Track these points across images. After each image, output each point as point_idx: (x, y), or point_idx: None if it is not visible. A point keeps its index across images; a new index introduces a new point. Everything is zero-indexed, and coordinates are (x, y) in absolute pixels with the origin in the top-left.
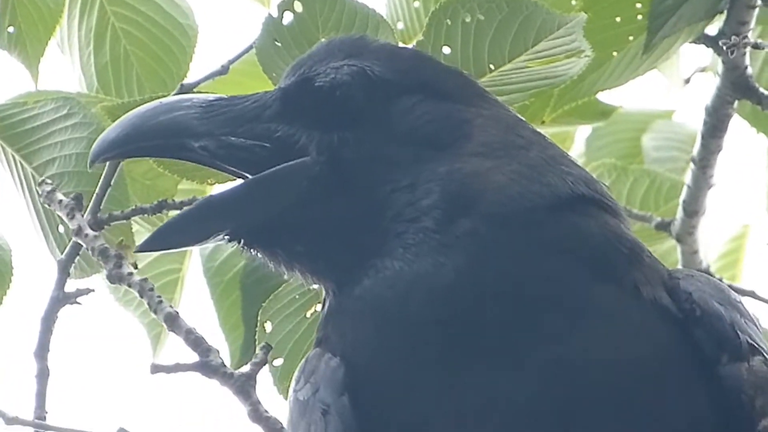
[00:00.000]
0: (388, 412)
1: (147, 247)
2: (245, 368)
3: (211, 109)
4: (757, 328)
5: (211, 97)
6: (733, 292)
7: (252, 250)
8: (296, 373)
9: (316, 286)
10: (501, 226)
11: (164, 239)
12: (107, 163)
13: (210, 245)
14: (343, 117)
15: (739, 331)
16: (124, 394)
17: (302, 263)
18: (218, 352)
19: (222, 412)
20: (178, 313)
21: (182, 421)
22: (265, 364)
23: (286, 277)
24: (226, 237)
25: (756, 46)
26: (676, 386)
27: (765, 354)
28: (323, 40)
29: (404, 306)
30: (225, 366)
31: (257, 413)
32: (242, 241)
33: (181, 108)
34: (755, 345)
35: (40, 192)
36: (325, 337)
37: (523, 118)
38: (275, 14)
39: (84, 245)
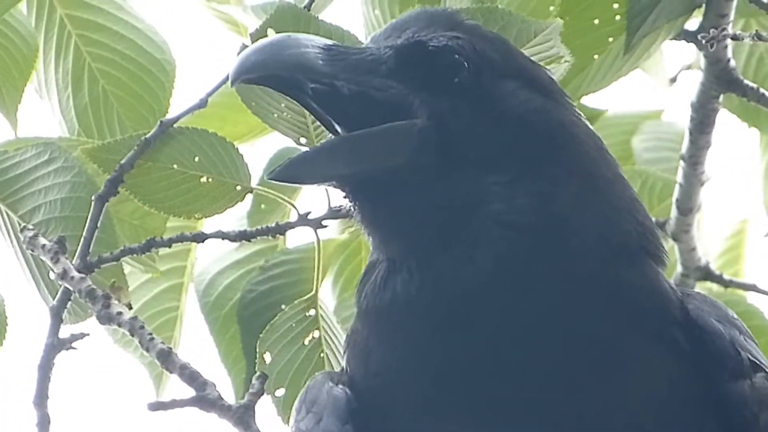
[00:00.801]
0: None
1: (276, 176)
2: (243, 400)
3: (332, 53)
4: (757, 345)
5: (329, 41)
6: (731, 310)
7: (354, 201)
8: (296, 403)
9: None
10: (566, 272)
11: (289, 172)
12: (92, 206)
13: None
14: (452, 85)
15: (739, 349)
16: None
17: (391, 226)
18: (215, 385)
19: None
20: (170, 349)
21: None
22: (262, 394)
23: (282, 306)
24: (335, 183)
25: (735, 38)
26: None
27: (766, 370)
28: (419, 9)
29: (436, 318)
30: (222, 398)
31: None
32: (348, 190)
33: (307, 45)
34: (756, 362)
35: (22, 238)
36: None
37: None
38: (249, 44)
39: (71, 288)
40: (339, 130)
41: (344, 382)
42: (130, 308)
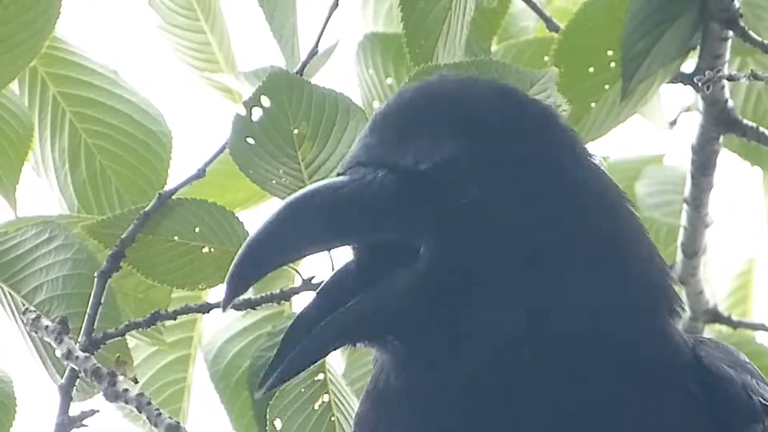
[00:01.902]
0: None
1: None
2: None
3: (335, 211)
4: (767, 385)
5: (327, 191)
6: (742, 354)
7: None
8: None
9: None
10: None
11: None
12: (95, 282)
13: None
14: (458, 206)
15: (751, 393)
16: None
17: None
18: None
19: None
20: (178, 423)
21: None
22: None
23: None
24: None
25: (731, 78)
26: None
27: None
28: (418, 88)
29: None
30: None
31: None
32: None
33: (304, 219)
34: None
35: (25, 321)
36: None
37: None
38: (243, 112)
39: (76, 368)
40: None
41: None
42: (136, 382)
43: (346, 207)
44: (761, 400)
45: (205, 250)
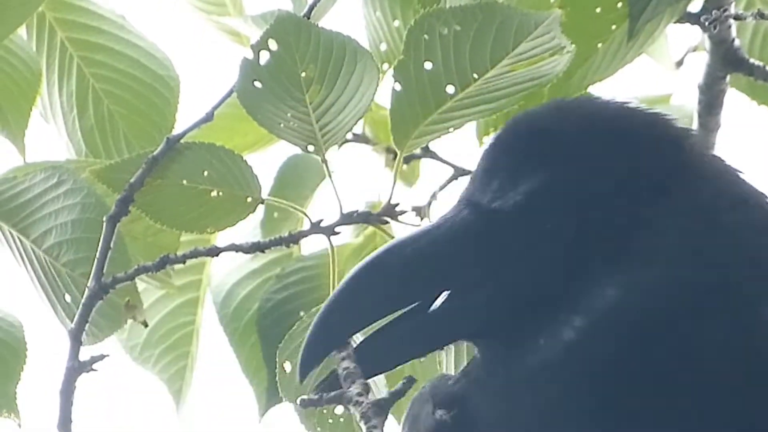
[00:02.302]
0: None
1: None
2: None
3: (410, 273)
4: None
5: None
6: None
7: None
8: (405, 413)
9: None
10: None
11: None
12: (104, 227)
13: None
14: (531, 253)
15: None
16: None
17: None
18: None
19: None
20: None
21: None
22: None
23: (301, 314)
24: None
25: (737, 17)
26: None
27: None
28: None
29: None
30: None
31: None
32: None
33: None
34: None
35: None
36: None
37: None
38: (251, 56)
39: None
40: None
41: (448, 401)
42: (146, 326)
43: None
44: None
45: (214, 193)
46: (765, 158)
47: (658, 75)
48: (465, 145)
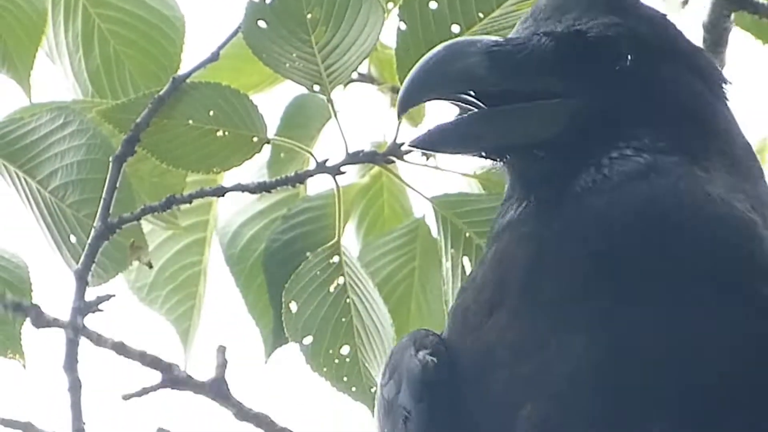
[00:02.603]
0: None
1: (418, 144)
2: (212, 374)
3: (496, 57)
4: None
5: (491, 41)
6: None
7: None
8: (383, 365)
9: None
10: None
11: (436, 141)
12: (110, 167)
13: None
14: (612, 73)
15: None
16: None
17: (536, 180)
18: (178, 366)
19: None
20: (123, 342)
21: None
22: (227, 364)
23: (307, 254)
24: (483, 153)
25: None
26: None
27: None
28: None
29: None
30: (191, 377)
31: (243, 412)
32: (495, 156)
33: (471, 54)
34: None
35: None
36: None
37: None
38: None
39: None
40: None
41: (430, 345)
42: (151, 267)
43: (509, 54)
44: None
45: (220, 133)
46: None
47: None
48: None
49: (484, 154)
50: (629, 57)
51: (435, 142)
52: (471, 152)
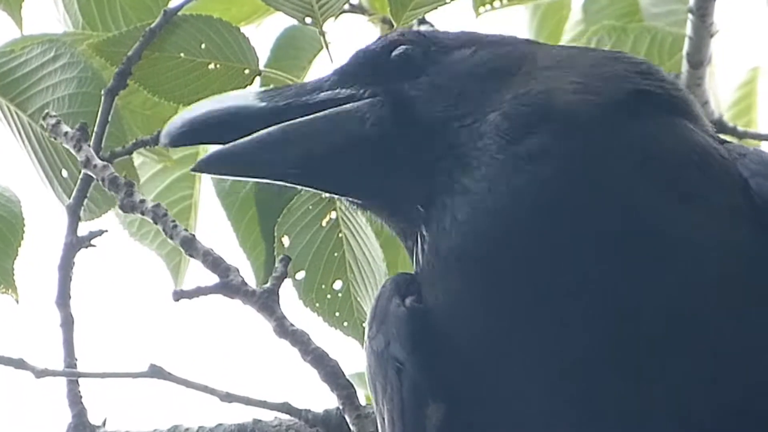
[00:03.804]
0: (463, 366)
1: (198, 167)
2: (267, 284)
3: (268, 93)
4: None
5: (262, 89)
6: None
7: (324, 192)
8: (368, 316)
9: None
10: (569, 139)
11: (218, 166)
12: (102, 100)
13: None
14: (404, 72)
15: None
16: (151, 328)
17: (375, 203)
18: (238, 270)
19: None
20: (194, 236)
21: (211, 349)
22: (285, 277)
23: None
24: (293, 177)
25: None
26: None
27: None
28: None
29: (469, 241)
30: (246, 284)
31: (283, 328)
32: (310, 182)
33: (239, 97)
34: None
35: (45, 125)
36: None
37: None
38: None
39: (94, 176)
40: None
41: (414, 291)
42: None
43: (281, 90)
44: None
45: (211, 66)
46: (762, 25)
47: None
48: (462, 17)
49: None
50: (418, 55)
51: (216, 165)
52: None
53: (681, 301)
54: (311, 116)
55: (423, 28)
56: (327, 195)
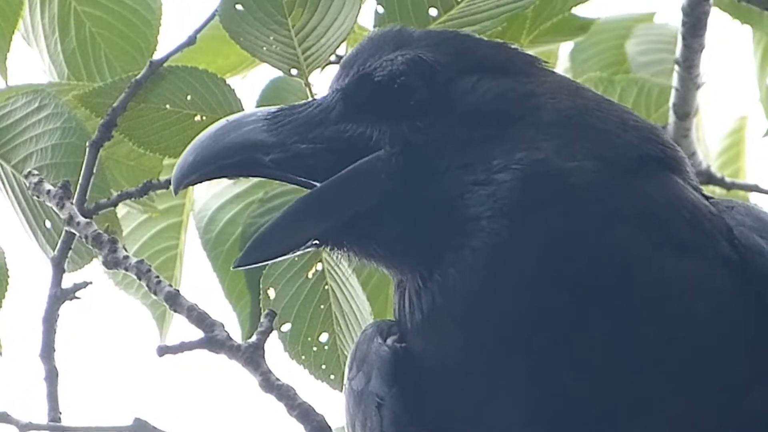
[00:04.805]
0: (445, 402)
1: (244, 261)
2: (252, 338)
3: (276, 120)
4: None
5: (273, 109)
6: None
7: (342, 251)
8: (348, 358)
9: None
10: (569, 216)
11: (259, 252)
12: (87, 151)
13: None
14: (408, 107)
15: None
16: (136, 381)
17: (388, 256)
18: (223, 325)
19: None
20: (178, 291)
21: (195, 403)
22: (271, 332)
23: None
24: (315, 242)
25: None
26: (746, 339)
27: None
28: (368, 35)
29: (473, 300)
30: (231, 339)
31: (268, 382)
32: (331, 243)
33: (248, 123)
34: None
35: (27, 184)
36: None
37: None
38: None
39: (77, 234)
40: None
41: (395, 332)
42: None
43: (288, 116)
44: None
45: (197, 118)
46: (746, 76)
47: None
48: None
49: (325, 241)
50: (419, 87)
51: (264, 253)
52: (308, 246)
53: (670, 354)
54: (327, 184)
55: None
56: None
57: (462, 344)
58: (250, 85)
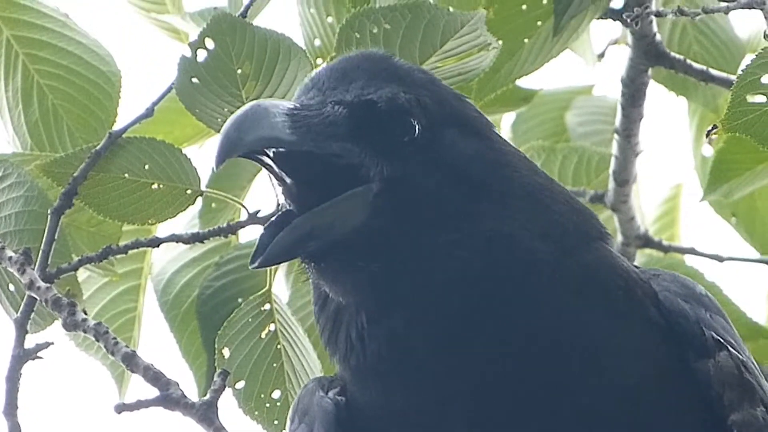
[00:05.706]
0: None
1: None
2: (206, 396)
3: (296, 119)
4: (724, 319)
5: (289, 104)
6: (699, 286)
7: (320, 268)
8: (290, 411)
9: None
10: (527, 286)
11: (268, 258)
12: (49, 219)
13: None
14: (403, 144)
15: (704, 328)
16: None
17: (347, 281)
18: (178, 384)
19: None
20: (134, 351)
21: None
22: (224, 390)
23: (239, 300)
24: (304, 257)
25: (658, 14)
26: (672, 401)
27: (730, 348)
28: (354, 54)
29: (417, 356)
30: (186, 397)
31: None
32: (313, 259)
33: (275, 115)
34: (720, 340)
35: None
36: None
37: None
38: (189, 54)
39: (38, 298)
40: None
41: (336, 386)
42: (85, 314)
43: (306, 118)
44: (713, 334)
45: (155, 186)
46: (682, 145)
47: (581, 68)
48: None
49: (305, 258)
50: (416, 127)
51: (269, 259)
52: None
53: (605, 416)
54: (323, 207)
55: None
56: (266, 308)
57: (402, 393)
58: (207, 154)
